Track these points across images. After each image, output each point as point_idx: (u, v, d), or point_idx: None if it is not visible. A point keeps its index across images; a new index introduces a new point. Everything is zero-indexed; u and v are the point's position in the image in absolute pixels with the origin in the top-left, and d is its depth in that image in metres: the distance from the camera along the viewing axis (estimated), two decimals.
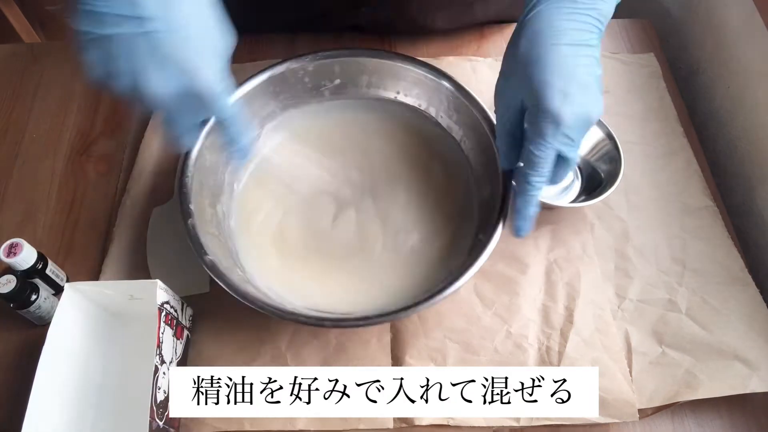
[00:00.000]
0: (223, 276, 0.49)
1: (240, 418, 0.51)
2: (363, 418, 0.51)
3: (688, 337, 0.55)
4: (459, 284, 0.49)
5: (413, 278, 0.56)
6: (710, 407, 0.53)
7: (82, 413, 0.51)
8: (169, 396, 0.48)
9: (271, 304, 0.49)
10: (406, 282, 0.56)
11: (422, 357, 0.54)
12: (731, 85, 0.70)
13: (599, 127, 0.63)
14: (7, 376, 0.54)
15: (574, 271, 0.59)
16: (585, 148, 0.65)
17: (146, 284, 0.50)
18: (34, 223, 0.63)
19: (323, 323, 0.49)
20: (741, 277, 0.58)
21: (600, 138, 0.63)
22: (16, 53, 0.76)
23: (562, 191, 0.64)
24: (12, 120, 0.70)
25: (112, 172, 0.66)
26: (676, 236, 0.61)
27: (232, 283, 0.49)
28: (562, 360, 0.54)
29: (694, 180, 0.64)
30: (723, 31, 0.71)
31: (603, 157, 0.63)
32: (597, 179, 0.63)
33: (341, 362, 0.54)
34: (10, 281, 0.51)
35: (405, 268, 0.57)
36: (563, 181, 0.64)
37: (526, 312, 0.57)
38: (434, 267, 0.57)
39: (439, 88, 0.60)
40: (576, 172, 0.65)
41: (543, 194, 0.47)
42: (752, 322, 0.56)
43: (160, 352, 0.48)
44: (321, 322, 0.49)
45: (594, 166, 0.64)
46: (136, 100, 0.41)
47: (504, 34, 0.77)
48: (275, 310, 0.48)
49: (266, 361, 0.54)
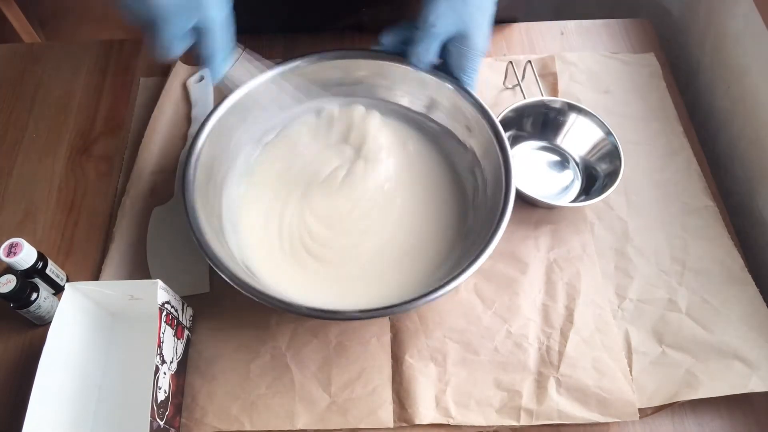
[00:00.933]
0: (226, 269, 0.49)
1: (240, 417, 0.52)
2: (363, 418, 0.52)
3: (688, 336, 0.55)
4: (459, 281, 0.49)
5: (412, 278, 0.56)
6: (710, 407, 0.53)
7: (83, 413, 0.51)
8: (169, 396, 0.48)
9: (272, 295, 0.48)
10: (405, 281, 0.56)
11: (422, 357, 0.54)
12: (731, 85, 0.70)
13: (599, 127, 0.63)
14: (7, 376, 0.54)
15: (574, 270, 0.59)
16: (585, 147, 0.65)
17: (147, 284, 0.50)
18: (34, 223, 0.63)
19: (323, 315, 0.49)
20: (741, 276, 0.58)
21: (600, 137, 0.63)
22: (16, 53, 0.76)
23: (562, 191, 0.64)
24: (12, 120, 0.70)
25: (112, 172, 0.66)
26: (676, 236, 0.61)
27: (234, 275, 0.49)
28: (562, 360, 0.54)
29: (694, 180, 0.64)
30: (723, 31, 0.71)
31: (603, 157, 0.63)
32: (597, 179, 0.63)
33: (341, 362, 0.54)
34: (10, 281, 0.51)
35: (404, 268, 0.57)
36: (563, 181, 0.64)
37: (526, 312, 0.57)
38: (433, 269, 0.57)
39: (441, 89, 0.60)
40: (576, 172, 0.65)
41: (544, 194, 0.47)
42: (752, 322, 0.56)
43: (160, 352, 0.48)
44: (322, 314, 0.49)
45: (594, 166, 0.64)
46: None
47: (504, 34, 0.77)
48: (276, 302, 0.48)
49: (266, 360, 0.54)
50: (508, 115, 0.63)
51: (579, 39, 0.77)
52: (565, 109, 0.65)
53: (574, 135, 0.65)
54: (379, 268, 0.57)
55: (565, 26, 0.78)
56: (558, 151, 0.66)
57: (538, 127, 0.66)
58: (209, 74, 0.51)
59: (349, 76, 0.62)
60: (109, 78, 0.73)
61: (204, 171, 0.55)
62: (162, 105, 0.69)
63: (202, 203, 0.53)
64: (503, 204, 0.52)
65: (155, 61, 0.74)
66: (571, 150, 0.66)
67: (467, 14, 0.53)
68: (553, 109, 0.65)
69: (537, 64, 0.72)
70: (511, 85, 0.71)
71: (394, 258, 0.57)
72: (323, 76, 0.62)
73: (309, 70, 0.61)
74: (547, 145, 0.67)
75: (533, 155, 0.66)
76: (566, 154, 0.66)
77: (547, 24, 0.78)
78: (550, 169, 0.66)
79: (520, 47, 0.76)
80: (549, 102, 0.65)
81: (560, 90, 0.71)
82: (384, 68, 0.61)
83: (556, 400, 0.52)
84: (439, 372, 0.54)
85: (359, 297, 0.55)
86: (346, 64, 0.61)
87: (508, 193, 0.53)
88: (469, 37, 0.54)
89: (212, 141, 0.56)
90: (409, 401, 0.52)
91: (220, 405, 0.52)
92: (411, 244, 0.58)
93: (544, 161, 0.66)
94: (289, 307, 0.48)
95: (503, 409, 0.52)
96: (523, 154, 0.66)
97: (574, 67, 0.73)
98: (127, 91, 0.72)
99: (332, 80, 0.62)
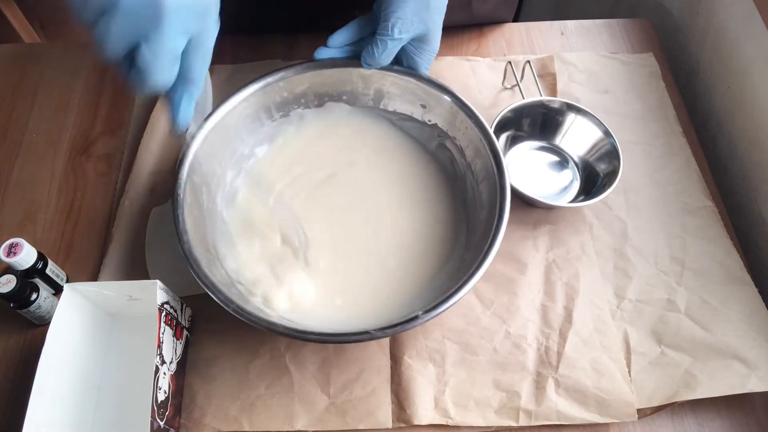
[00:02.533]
0: (219, 293, 0.48)
1: (239, 418, 0.52)
2: (362, 419, 0.52)
3: (687, 337, 0.55)
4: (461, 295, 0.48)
5: (407, 292, 0.56)
6: (710, 407, 0.53)
7: (83, 413, 0.51)
8: (169, 397, 0.48)
9: (265, 319, 0.48)
10: (399, 295, 0.55)
11: (421, 357, 0.54)
12: (731, 85, 0.70)
13: (598, 127, 0.63)
14: (7, 376, 0.55)
15: (573, 271, 0.59)
16: (584, 147, 0.65)
17: (146, 284, 0.50)
18: (34, 223, 0.63)
19: (313, 338, 0.47)
20: (740, 276, 0.58)
21: (599, 137, 0.63)
22: (16, 53, 0.76)
23: (561, 191, 0.64)
24: (12, 120, 0.70)
25: (112, 172, 0.66)
26: (675, 236, 0.61)
27: (228, 300, 0.48)
28: (561, 360, 0.54)
29: (694, 180, 0.64)
30: (723, 31, 0.71)
31: (602, 157, 0.63)
32: (596, 179, 0.63)
33: (340, 363, 0.54)
34: (10, 281, 0.51)
35: (398, 282, 0.56)
36: (562, 181, 0.64)
37: (525, 312, 0.57)
38: (431, 277, 0.56)
39: (440, 100, 0.60)
40: (575, 171, 0.65)
41: (542, 194, 0.47)
42: (751, 322, 0.56)
43: (160, 353, 0.48)
44: (319, 338, 0.48)
45: (593, 166, 0.64)
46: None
47: (504, 34, 0.77)
48: (269, 325, 0.48)
49: (265, 361, 0.54)
50: (506, 115, 0.63)
51: (579, 39, 0.77)
52: (564, 109, 0.65)
53: (573, 135, 0.65)
54: (377, 278, 0.56)
55: (565, 26, 0.78)
56: (557, 151, 0.66)
57: (537, 127, 0.66)
58: (177, 113, 0.44)
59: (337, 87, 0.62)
60: (109, 78, 0.73)
61: (193, 192, 0.55)
62: (161, 105, 0.69)
63: (193, 226, 0.53)
64: (499, 216, 0.52)
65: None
66: (570, 150, 0.66)
67: (430, 20, 0.53)
68: (552, 109, 0.65)
69: (536, 64, 0.72)
70: (510, 86, 0.71)
71: (391, 269, 0.57)
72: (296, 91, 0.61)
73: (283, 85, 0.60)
74: (546, 145, 0.67)
75: (532, 155, 0.66)
76: (565, 154, 0.66)
77: (547, 24, 0.78)
78: (550, 169, 0.65)
79: (520, 47, 0.76)
80: (548, 102, 0.65)
81: (559, 90, 0.71)
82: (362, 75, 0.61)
83: (555, 401, 0.52)
84: (438, 372, 0.54)
85: (355, 314, 0.55)
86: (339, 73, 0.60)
87: (503, 204, 0.53)
88: (429, 39, 0.55)
89: (205, 150, 0.56)
90: (407, 402, 0.52)
91: (219, 405, 0.52)
92: (407, 253, 0.58)
93: (544, 161, 0.66)
94: (291, 332, 0.47)
95: (502, 409, 0.52)
96: (521, 154, 0.66)
97: (573, 67, 0.73)
98: (127, 91, 0.72)
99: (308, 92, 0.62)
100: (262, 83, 0.59)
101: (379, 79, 0.60)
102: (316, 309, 0.55)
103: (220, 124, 0.57)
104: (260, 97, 0.60)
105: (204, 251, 0.52)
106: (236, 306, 0.48)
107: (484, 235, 0.52)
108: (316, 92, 0.62)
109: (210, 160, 0.57)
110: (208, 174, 0.57)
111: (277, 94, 0.61)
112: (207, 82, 0.70)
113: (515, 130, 0.66)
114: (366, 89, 0.62)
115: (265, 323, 0.47)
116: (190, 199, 0.54)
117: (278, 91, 0.60)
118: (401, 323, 0.47)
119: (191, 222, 0.52)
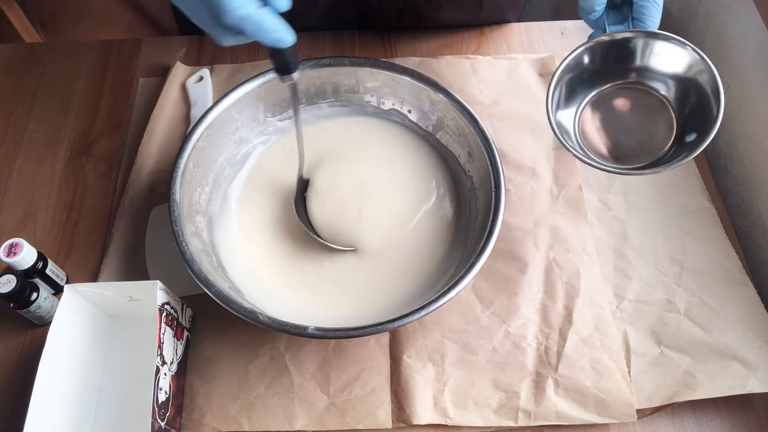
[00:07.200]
0: (221, 294, 0.49)
1: (239, 418, 0.52)
2: (362, 418, 0.52)
3: (686, 337, 0.55)
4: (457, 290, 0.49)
5: (407, 288, 0.56)
6: (710, 407, 0.53)
7: (84, 414, 0.51)
8: (170, 397, 0.48)
9: (267, 315, 0.48)
10: (398, 292, 0.56)
11: (420, 357, 0.55)
12: (731, 85, 0.70)
13: (684, 49, 0.52)
14: (8, 376, 0.55)
15: (573, 269, 0.59)
16: (673, 77, 0.53)
17: (146, 285, 0.50)
18: (34, 223, 0.63)
19: (312, 334, 0.48)
20: (739, 277, 0.58)
21: (691, 60, 0.52)
22: (16, 53, 0.76)
23: (651, 141, 0.53)
24: (12, 120, 0.70)
25: (112, 172, 0.66)
26: (675, 237, 0.61)
27: (230, 300, 0.49)
28: (560, 360, 0.54)
29: (693, 181, 0.64)
30: (723, 31, 0.71)
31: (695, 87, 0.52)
32: (696, 111, 0.52)
33: (340, 362, 0.54)
34: (10, 281, 0.51)
35: (397, 279, 0.57)
36: (658, 124, 0.54)
37: (525, 311, 0.57)
38: (429, 276, 0.57)
39: (436, 99, 0.60)
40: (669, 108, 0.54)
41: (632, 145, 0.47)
42: (750, 323, 0.56)
43: (161, 353, 0.48)
44: (318, 333, 0.48)
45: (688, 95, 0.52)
46: None
47: (504, 34, 0.77)
48: (271, 321, 0.48)
49: (265, 361, 0.54)
50: (569, 65, 0.53)
51: (579, 39, 0.77)
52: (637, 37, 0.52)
53: (656, 64, 0.53)
54: (374, 276, 0.57)
55: (565, 26, 0.78)
56: (643, 89, 0.54)
57: (609, 66, 0.54)
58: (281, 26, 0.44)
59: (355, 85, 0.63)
60: (109, 78, 0.73)
61: (188, 190, 0.55)
62: (161, 105, 0.69)
63: (189, 222, 0.53)
64: (494, 214, 0.52)
65: (154, 61, 0.74)
66: (657, 83, 0.54)
67: None
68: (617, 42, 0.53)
69: (536, 64, 0.72)
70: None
71: (389, 267, 0.57)
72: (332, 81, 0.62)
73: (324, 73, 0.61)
74: (627, 83, 0.55)
75: (612, 100, 0.55)
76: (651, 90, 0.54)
77: (547, 24, 0.78)
78: (639, 114, 0.55)
79: (520, 47, 0.76)
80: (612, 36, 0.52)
81: None
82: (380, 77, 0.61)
83: (554, 401, 0.52)
84: (437, 372, 0.54)
85: (354, 310, 0.55)
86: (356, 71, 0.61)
87: (498, 204, 0.53)
88: None
89: (197, 154, 0.56)
90: (407, 402, 0.52)
91: (219, 406, 0.52)
92: (406, 253, 0.58)
93: (631, 103, 0.55)
94: (290, 328, 0.48)
95: (501, 409, 0.52)
96: (601, 104, 0.55)
97: None
98: (126, 91, 0.72)
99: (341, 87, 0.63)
100: (261, 81, 0.59)
101: (375, 77, 0.61)
102: (313, 306, 0.55)
103: (218, 120, 0.58)
104: (258, 95, 0.60)
105: (202, 250, 0.52)
106: (236, 305, 0.48)
107: (480, 232, 0.53)
108: (315, 91, 0.63)
109: (206, 157, 0.58)
110: (205, 170, 0.57)
111: (276, 92, 0.61)
112: (207, 80, 0.71)
113: (587, 83, 0.55)
114: (365, 91, 0.63)
115: (264, 321, 0.47)
116: (188, 199, 0.54)
117: (277, 89, 0.61)
118: (399, 318, 0.48)
119: (188, 220, 0.52)
